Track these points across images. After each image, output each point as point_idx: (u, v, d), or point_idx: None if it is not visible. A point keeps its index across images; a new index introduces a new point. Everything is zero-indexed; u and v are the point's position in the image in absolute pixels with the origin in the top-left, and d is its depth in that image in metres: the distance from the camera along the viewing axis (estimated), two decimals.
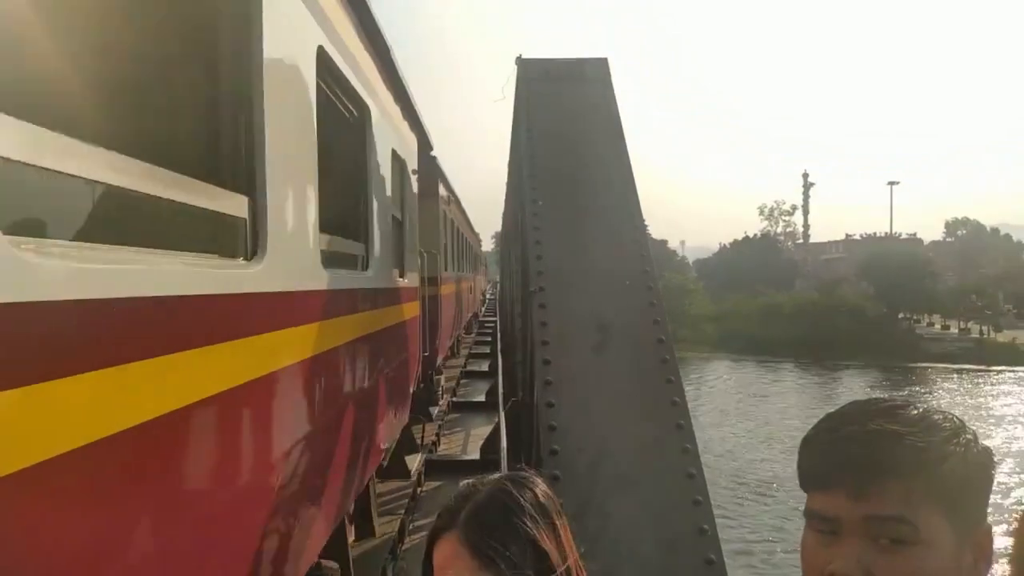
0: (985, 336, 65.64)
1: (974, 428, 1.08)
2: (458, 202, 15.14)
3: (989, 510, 1.06)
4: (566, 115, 4.93)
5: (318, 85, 3.34)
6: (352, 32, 4.16)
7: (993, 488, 1.08)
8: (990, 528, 1.04)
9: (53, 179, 1.48)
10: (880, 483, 0.99)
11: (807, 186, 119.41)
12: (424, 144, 8.24)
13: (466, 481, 1.52)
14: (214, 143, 2.52)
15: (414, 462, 8.14)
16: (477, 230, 30.18)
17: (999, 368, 54.28)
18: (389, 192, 5.45)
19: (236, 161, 2.50)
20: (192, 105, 2.60)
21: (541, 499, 1.43)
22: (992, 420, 35.89)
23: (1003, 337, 64.71)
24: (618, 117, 4.91)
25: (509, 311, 15.67)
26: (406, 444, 8.03)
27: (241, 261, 2.41)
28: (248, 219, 2.44)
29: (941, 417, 1.05)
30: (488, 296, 40.95)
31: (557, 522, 1.42)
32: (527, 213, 4.28)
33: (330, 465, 3.57)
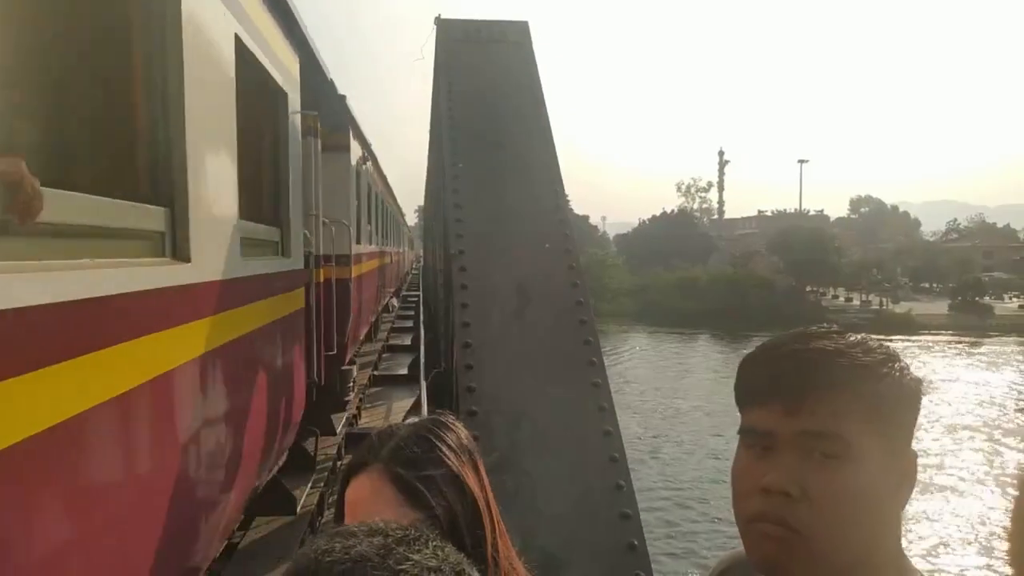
0: (884, 307, 69.52)
1: None
2: (376, 160, 12.74)
3: None
4: (487, 77, 4.86)
5: None
6: None
7: None
8: (916, 455, 1.06)
9: None
10: (817, 397, 1.00)
11: (722, 164, 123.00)
12: (314, 72, 6.20)
13: (385, 424, 1.48)
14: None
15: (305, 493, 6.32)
16: (401, 204, 29.54)
17: (896, 337, 57.71)
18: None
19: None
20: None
21: (463, 439, 1.41)
22: None
23: (900, 308, 68.76)
24: (539, 81, 4.88)
25: (432, 283, 15.55)
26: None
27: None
28: None
29: (877, 343, 1.07)
30: (413, 271, 40.49)
31: (478, 463, 1.41)
32: (447, 176, 4.22)
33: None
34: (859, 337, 1.07)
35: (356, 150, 8.77)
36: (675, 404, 35.81)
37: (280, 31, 4.72)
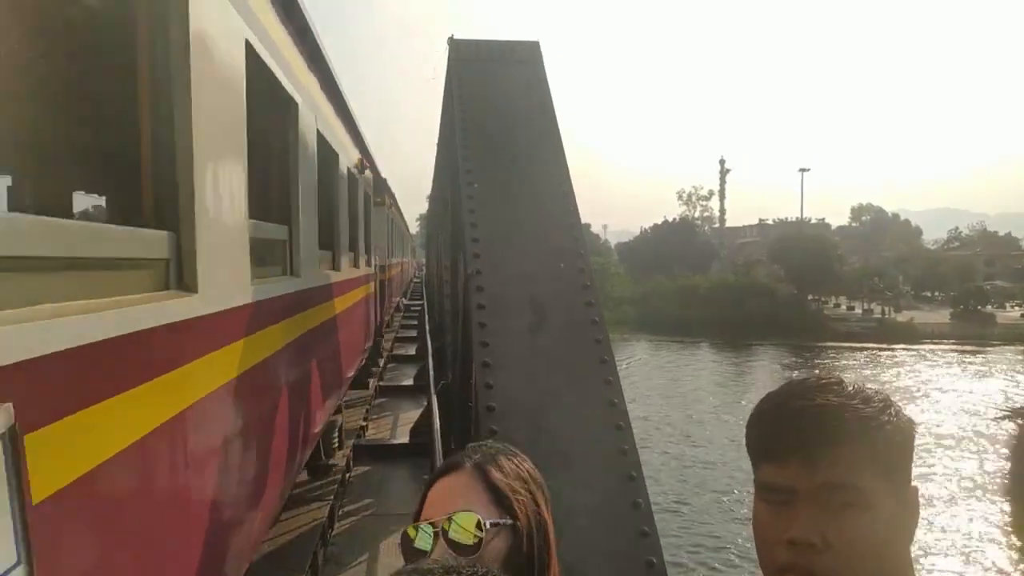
0: (886, 316, 69.47)
1: None
2: (396, 203, 21.04)
3: None
4: (499, 97, 4.93)
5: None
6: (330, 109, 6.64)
7: None
8: (917, 488, 1.13)
9: None
10: (830, 452, 1.06)
11: (723, 172, 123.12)
12: (378, 177, 12.71)
13: (390, 434, 1.56)
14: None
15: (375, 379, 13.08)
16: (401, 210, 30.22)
17: (898, 346, 57.65)
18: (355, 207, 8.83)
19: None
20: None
21: (535, 472, 1.48)
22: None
23: (902, 317, 68.70)
24: (550, 100, 4.94)
25: (437, 293, 15.60)
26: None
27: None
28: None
29: (873, 391, 1.14)
30: (414, 280, 40.87)
31: (548, 497, 1.47)
32: (462, 195, 4.28)
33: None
34: (856, 386, 1.14)
35: (388, 203, 15.86)
36: (671, 417, 35.80)
37: (369, 166, 10.38)
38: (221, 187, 2.73)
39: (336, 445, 8.07)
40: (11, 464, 1.26)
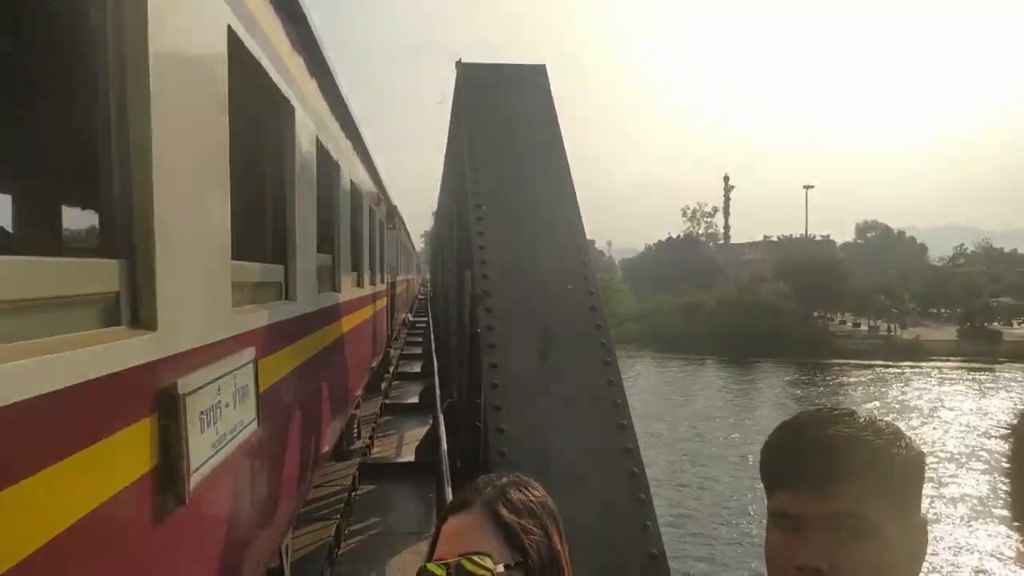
0: (892, 334, 69.19)
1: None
2: (404, 225, 23.20)
3: None
4: (506, 120, 4.98)
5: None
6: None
7: None
8: (925, 519, 1.17)
9: None
10: (841, 482, 1.10)
11: (728, 189, 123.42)
12: (390, 204, 14.42)
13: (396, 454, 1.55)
14: None
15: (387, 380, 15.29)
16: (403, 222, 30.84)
17: (904, 364, 57.39)
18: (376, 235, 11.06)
19: None
20: None
21: (550, 503, 1.46)
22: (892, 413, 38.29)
23: (908, 334, 68.43)
24: (556, 122, 5.00)
25: (443, 312, 15.63)
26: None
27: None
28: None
29: (884, 424, 1.17)
30: (419, 297, 41.02)
31: (561, 528, 1.45)
32: (471, 218, 4.32)
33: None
34: (866, 418, 1.17)
35: (399, 226, 18.00)
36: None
37: (384, 198, 12.56)
38: (306, 234, 4.36)
39: (356, 433, 10.22)
40: (254, 374, 2.87)
